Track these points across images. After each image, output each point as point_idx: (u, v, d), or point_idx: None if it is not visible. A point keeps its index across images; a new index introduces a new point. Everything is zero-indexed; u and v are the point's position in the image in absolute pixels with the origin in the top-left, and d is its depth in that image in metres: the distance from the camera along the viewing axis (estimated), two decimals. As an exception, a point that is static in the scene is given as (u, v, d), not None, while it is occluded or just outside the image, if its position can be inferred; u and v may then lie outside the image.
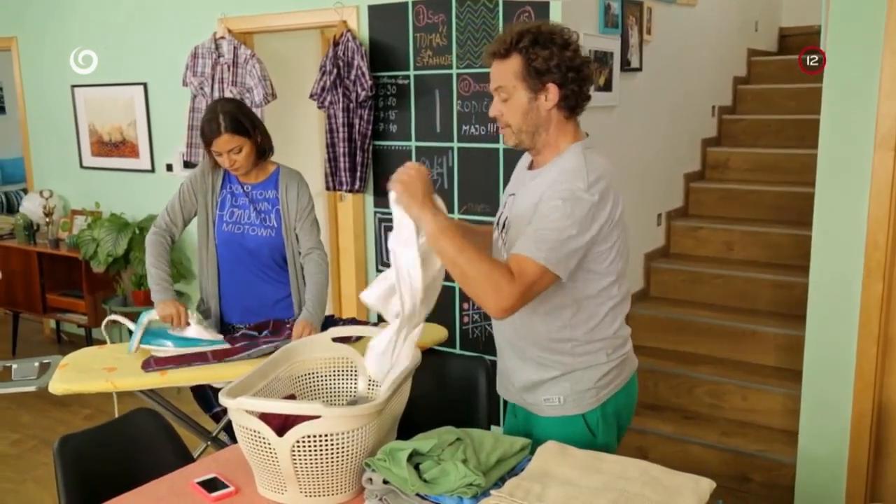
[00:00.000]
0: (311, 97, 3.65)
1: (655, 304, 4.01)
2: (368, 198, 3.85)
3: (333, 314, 3.30)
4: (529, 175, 1.80)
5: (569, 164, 1.68)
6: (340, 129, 3.63)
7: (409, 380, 1.80)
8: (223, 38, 3.92)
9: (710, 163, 4.70)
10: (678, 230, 4.32)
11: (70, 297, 4.75)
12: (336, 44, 3.59)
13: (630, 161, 3.82)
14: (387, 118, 3.70)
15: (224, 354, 2.37)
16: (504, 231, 1.80)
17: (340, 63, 3.57)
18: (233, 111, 2.46)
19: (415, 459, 1.54)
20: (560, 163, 1.71)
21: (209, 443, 2.70)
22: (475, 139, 3.45)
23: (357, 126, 3.64)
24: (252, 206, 2.57)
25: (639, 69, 3.81)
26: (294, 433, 1.52)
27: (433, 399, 1.92)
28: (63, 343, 5.20)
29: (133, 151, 4.68)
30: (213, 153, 2.48)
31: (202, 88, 3.96)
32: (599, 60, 3.40)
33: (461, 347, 3.61)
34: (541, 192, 1.67)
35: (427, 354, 2.02)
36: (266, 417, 1.58)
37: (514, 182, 1.88)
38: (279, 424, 1.57)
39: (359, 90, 3.55)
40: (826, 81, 2.66)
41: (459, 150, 3.51)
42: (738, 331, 3.67)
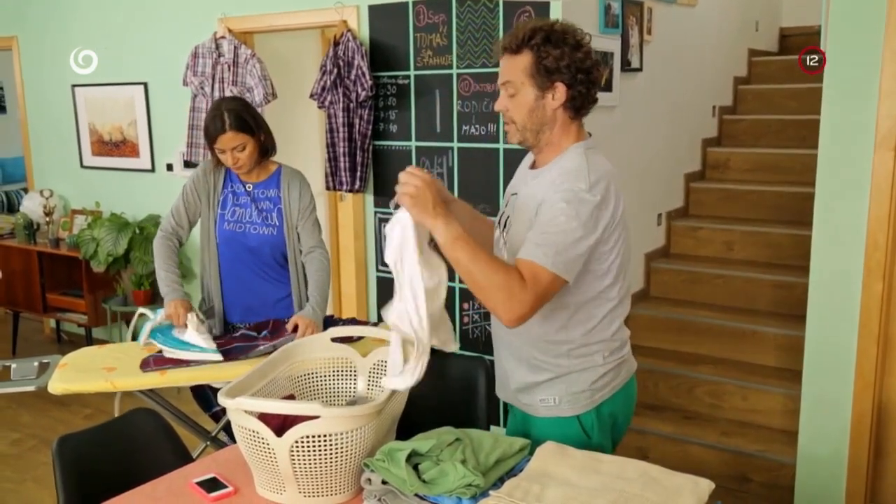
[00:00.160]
0: (312, 97, 3.65)
1: (656, 305, 4.00)
2: (368, 197, 3.85)
3: (333, 314, 3.30)
4: (531, 174, 1.79)
5: (570, 165, 1.68)
6: (340, 129, 3.63)
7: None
8: (223, 38, 3.92)
9: (711, 163, 4.70)
10: (678, 230, 4.32)
11: (70, 297, 4.75)
12: (336, 44, 3.59)
13: (630, 161, 3.82)
14: (387, 118, 3.70)
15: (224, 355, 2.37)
16: (505, 230, 1.80)
17: (341, 63, 3.57)
18: (237, 109, 2.47)
19: (414, 460, 1.54)
20: (561, 163, 1.70)
21: (208, 443, 2.70)
22: (475, 139, 3.45)
23: (357, 126, 3.64)
24: (254, 205, 2.57)
25: (639, 69, 3.81)
26: (293, 433, 1.52)
27: (432, 399, 1.91)
28: (63, 343, 5.20)
29: (133, 151, 4.68)
30: (217, 151, 2.48)
31: (202, 88, 3.96)
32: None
33: (461, 347, 3.61)
34: (542, 192, 1.67)
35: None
36: (265, 417, 1.58)
37: (516, 181, 1.88)
38: (278, 424, 1.57)
39: (359, 90, 3.54)
40: (826, 81, 2.66)
41: (459, 150, 3.50)
42: (739, 331, 3.66)
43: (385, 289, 3.85)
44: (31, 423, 3.98)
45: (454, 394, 2.23)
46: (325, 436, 1.53)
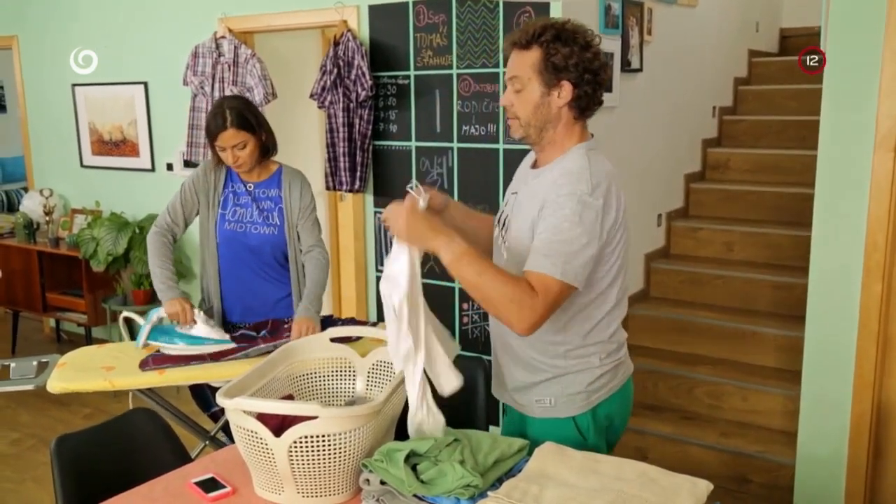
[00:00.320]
0: (312, 97, 3.65)
1: (655, 305, 4.00)
2: (368, 197, 3.85)
3: (332, 314, 3.30)
4: (532, 174, 1.79)
5: (572, 166, 1.68)
6: (340, 129, 3.63)
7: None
8: (224, 38, 3.92)
9: (711, 163, 4.70)
10: (678, 231, 4.32)
11: (70, 296, 4.75)
12: (336, 43, 3.59)
13: (630, 161, 3.82)
14: (387, 118, 3.70)
15: (221, 354, 2.37)
16: (504, 229, 1.80)
17: (341, 63, 3.57)
18: (239, 107, 2.47)
19: (412, 460, 1.54)
20: (563, 163, 1.70)
21: (207, 442, 2.70)
22: (475, 139, 3.45)
23: (357, 126, 3.64)
24: (255, 205, 2.57)
25: (639, 70, 3.81)
26: (291, 433, 1.52)
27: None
28: (63, 342, 5.20)
29: (133, 150, 4.68)
30: (217, 148, 2.49)
31: (202, 88, 3.96)
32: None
33: (461, 348, 3.60)
34: (544, 192, 1.66)
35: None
36: (263, 418, 1.58)
37: (517, 180, 1.87)
38: (277, 425, 1.56)
39: (359, 90, 3.54)
40: (826, 82, 2.66)
41: (459, 151, 3.50)
42: (738, 331, 3.66)
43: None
44: (31, 423, 3.98)
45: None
46: (324, 436, 1.53)
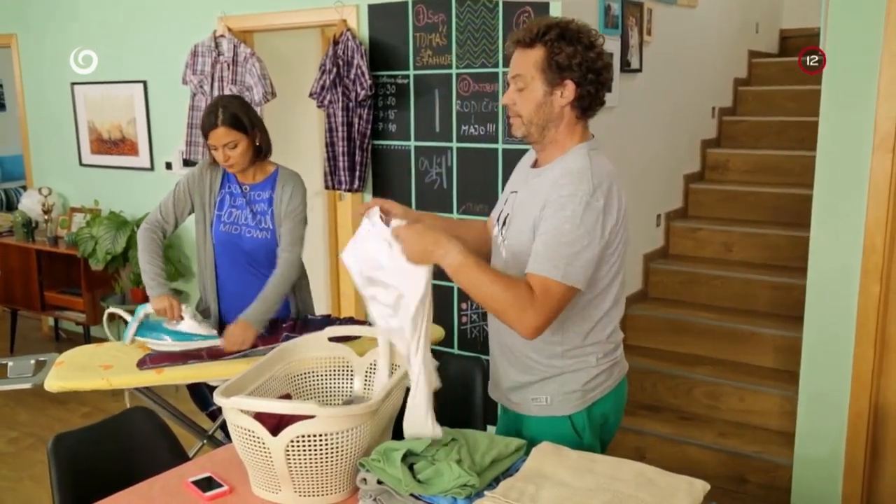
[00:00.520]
0: (311, 96, 3.65)
1: (654, 305, 4.00)
2: (367, 197, 3.84)
3: (331, 314, 3.29)
4: (532, 173, 1.79)
5: (573, 166, 1.68)
6: (340, 129, 3.63)
7: (405, 381, 1.80)
8: (223, 37, 3.92)
9: (710, 164, 4.70)
10: (677, 231, 4.32)
11: (68, 295, 4.74)
12: (336, 43, 3.59)
13: (630, 162, 3.82)
14: (386, 118, 3.70)
15: (219, 353, 2.37)
16: (504, 227, 1.80)
17: (340, 62, 3.57)
18: (232, 106, 2.47)
19: (409, 460, 1.54)
20: (564, 163, 1.70)
21: (205, 441, 2.70)
22: (474, 139, 3.45)
23: (356, 125, 3.64)
24: (249, 207, 2.56)
25: (639, 70, 3.81)
26: (288, 433, 1.52)
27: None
28: (61, 341, 5.20)
29: (132, 149, 4.68)
30: (210, 147, 2.48)
31: (202, 87, 3.96)
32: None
33: (459, 347, 3.61)
34: (545, 192, 1.66)
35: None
36: (261, 417, 1.58)
37: (516, 179, 1.87)
38: (274, 424, 1.57)
39: (358, 89, 3.54)
40: (825, 83, 2.66)
41: (458, 150, 3.50)
42: (737, 332, 3.66)
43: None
44: (29, 422, 3.97)
45: (451, 393, 2.22)
46: (321, 435, 1.53)
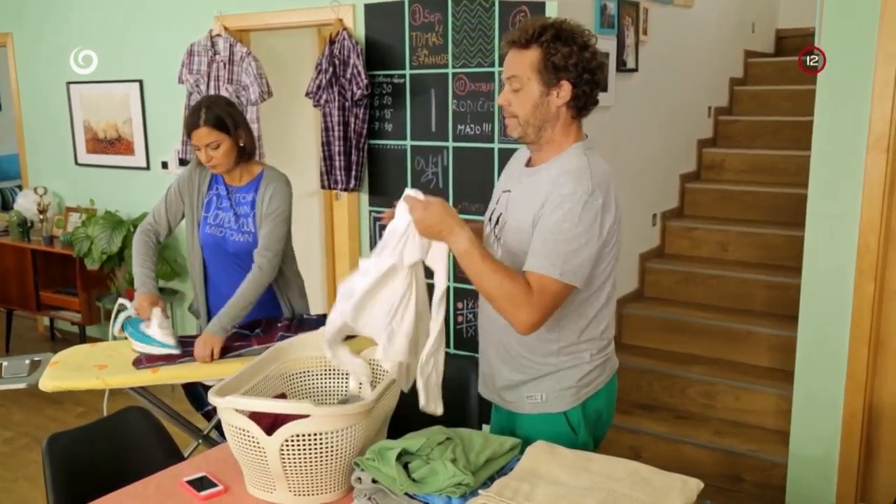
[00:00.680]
0: (307, 95, 3.65)
1: (650, 305, 4.01)
2: (363, 196, 3.85)
3: (326, 313, 3.28)
4: (527, 172, 1.79)
5: (572, 165, 1.69)
6: (336, 128, 3.63)
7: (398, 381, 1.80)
8: (219, 36, 3.91)
9: (706, 163, 4.71)
10: (673, 230, 4.33)
11: (64, 295, 4.74)
12: (332, 42, 3.58)
13: (626, 161, 3.82)
14: (382, 117, 3.70)
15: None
16: (499, 227, 1.80)
17: (336, 61, 3.57)
18: (216, 106, 2.45)
19: (404, 459, 1.54)
20: (561, 162, 1.71)
21: (200, 441, 2.69)
22: (470, 139, 3.45)
23: (352, 125, 3.64)
24: (233, 210, 2.55)
25: (635, 70, 3.81)
26: (283, 432, 1.52)
27: (424, 398, 1.92)
28: (57, 340, 5.19)
29: (128, 149, 4.67)
30: (193, 147, 2.48)
31: (198, 86, 3.95)
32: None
33: (455, 347, 3.61)
34: (545, 192, 1.67)
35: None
36: (256, 416, 1.58)
37: (509, 178, 1.87)
38: (269, 423, 1.57)
39: (354, 89, 3.54)
40: (819, 83, 2.67)
41: (454, 150, 3.50)
42: (732, 331, 3.67)
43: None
44: (24, 422, 3.97)
45: (446, 393, 2.22)
46: (316, 434, 1.53)
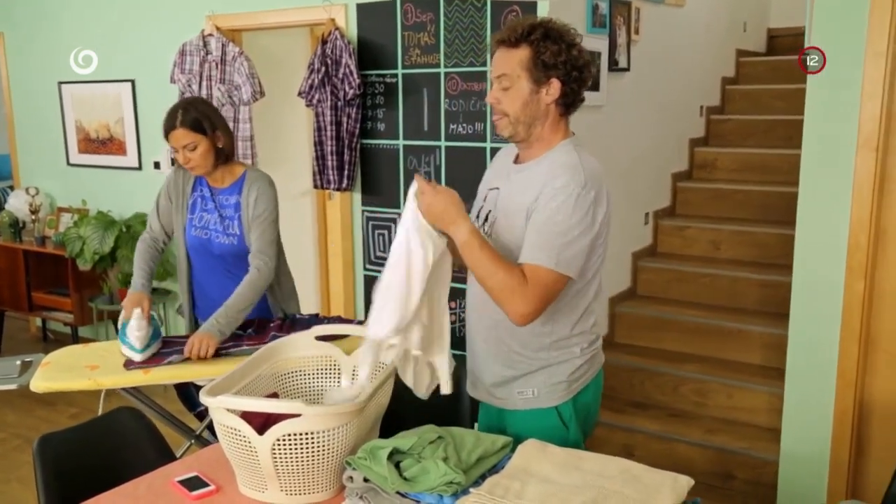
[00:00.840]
0: (300, 95, 3.65)
1: (642, 303, 4.02)
2: (356, 196, 3.85)
3: (319, 312, 3.29)
4: (515, 168, 1.81)
5: (563, 160, 1.71)
6: (328, 128, 3.63)
7: (392, 378, 1.81)
8: (211, 36, 3.91)
9: (698, 162, 4.72)
10: (665, 229, 4.34)
11: (56, 296, 4.72)
12: (324, 42, 3.58)
13: (618, 160, 3.83)
14: (375, 116, 3.70)
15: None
16: (488, 224, 1.82)
17: (328, 61, 3.57)
18: (193, 108, 2.45)
19: (395, 458, 1.54)
20: (553, 157, 1.73)
21: (193, 441, 2.69)
22: (462, 138, 3.45)
23: (345, 124, 3.64)
24: (217, 212, 2.54)
25: (626, 69, 3.82)
26: (274, 431, 1.52)
27: (416, 398, 1.92)
28: (49, 341, 5.17)
29: (120, 149, 4.66)
30: (172, 149, 2.48)
31: (190, 86, 3.94)
32: (587, 60, 3.41)
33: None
34: (538, 186, 1.69)
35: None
36: (248, 416, 1.58)
37: (496, 176, 1.89)
38: (261, 423, 1.57)
39: (346, 88, 3.54)
40: (810, 82, 2.68)
41: (447, 149, 3.51)
42: (724, 329, 3.69)
43: (372, 287, 3.83)
44: (16, 423, 3.95)
45: (437, 391, 2.23)
46: (307, 434, 1.53)
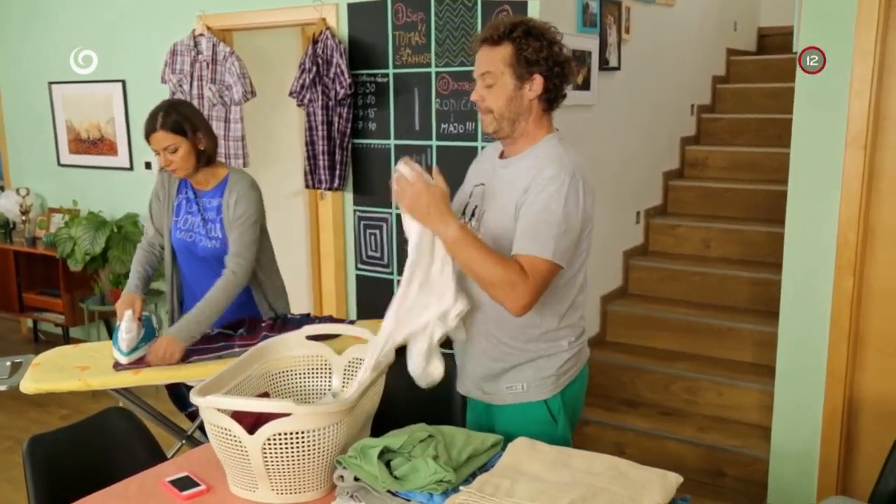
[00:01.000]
0: (291, 95, 3.65)
1: (633, 301, 4.04)
2: (348, 196, 3.84)
3: (310, 312, 3.28)
4: (500, 164, 1.84)
5: (549, 152, 1.74)
6: (320, 128, 3.62)
7: (383, 378, 1.81)
8: (202, 35, 3.90)
9: (689, 161, 4.74)
10: (657, 228, 4.35)
11: (47, 296, 4.71)
12: (315, 42, 3.58)
13: (609, 159, 3.84)
14: (366, 116, 3.70)
15: (195, 354, 2.36)
16: (475, 219, 1.83)
17: (320, 61, 3.57)
18: (174, 111, 2.43)
19: (386, 456, 1.55)
20: (538, 151, 1.76)
21: (184, 442, 2.69)
22: (454, 137, 3.45)
23: (336, 124, 3.63)
24: (201, 215, 2.53)
25: (617, 68, 3.83)
26: (265, 431, 1.52)
27: (408, 396, 1.92)
28: (40, 342, 5.15)
29: (111, 149, 4.65)
30: (153, 151, 2.47)
31: (181, 86, 3.93)
32: (577, 60, 3.42)
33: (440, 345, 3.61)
34: (527, 178, 1.71)
35: (401, 352, 2.03)
36: (239, 416, 1.58)
37: (481, 172, 1.91)
38: (251, 422, 1.57)
39: (338, 88, 3.54)
40: (798, 81, 2.70)
41: (438, 149, 3.51)
42: (715, 327, 3.70)
43: (364, 286, 3.85)
44: (7, 424, 3.93)
45: (429, 391, 2.23)
46: (298, 433, 1.53)
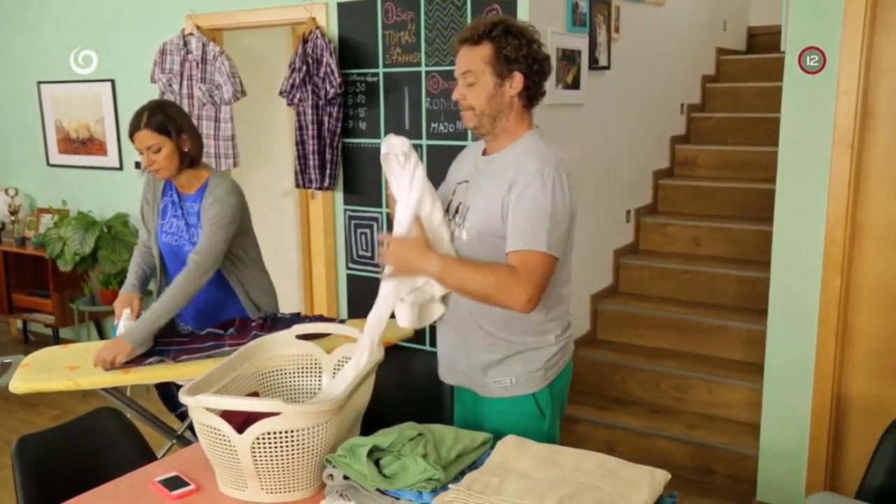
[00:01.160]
0: (281, 94, 3.64)
1: (624, 300, 4.05)
2: (338, 195, 3.84)
3: (300, 312, 3.28)
4: (483, 160, 1.86)
5: (531, 147, 1.78)
6: (310, 127, 3.62)
7: (373, 376, 1.82)
8: (191, 35, 3.89)
9: (679, 160, 4.76)
10: (647, 226, 4.37)
11: (36, 297, 4.69)
12: (305, 41, 3.58)
13: (599, 159, 3.85)
14: (356, 115, 3.70)
15: (184, 353, 2.36)
16: (459, 216, 1.85)
17: (310, 60, 3.56)
18: (159, 111, 2.42)
19: (375, 455, 1.55)
20: (520, 147, 1.80)
21: (174, 441, 2.68)
22: (444, 136, 3.46)
23: (326, 123, 3.63)
24: (184, 220, 2.52)
25: (607, 67, 3.84)
26: (254, 430, 1.52)
27: (397, 395, 1.93)
28: (30, 343, 5.12)
29: (100, 149, 4.63)
30: (137, 150, 2.46)
31: (170, 85, 3.92)
32: (567, 59, 3.42)
33: (430, 344, 3.62)
34: (511, 173, 1.73)
35: (391, 350, 2.03)
36: (228, 415, 1.58)
37: (464, 169, 1.93)
38: (241, 422, 1.57)
39: (328, 87, 3.54)
40: (786, 80, 2.72)
41: (428, 148, 3.51)
42: (705, 325, 3.72)
43: (355, 286, 3.85)
44: (-3, 425, 3.92)
45: (419, 389, 2.24)
46: (287, 432, 1.54)
